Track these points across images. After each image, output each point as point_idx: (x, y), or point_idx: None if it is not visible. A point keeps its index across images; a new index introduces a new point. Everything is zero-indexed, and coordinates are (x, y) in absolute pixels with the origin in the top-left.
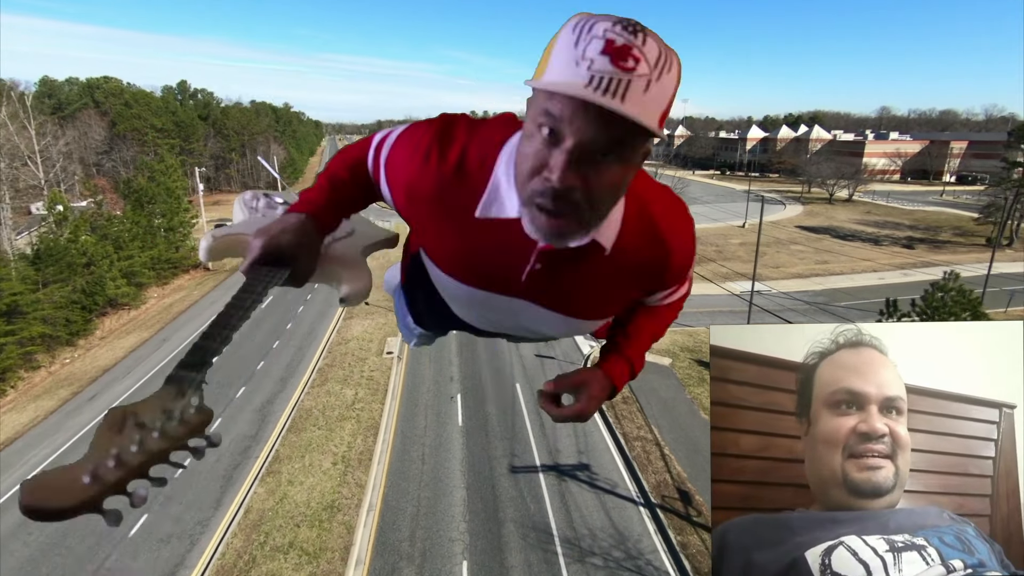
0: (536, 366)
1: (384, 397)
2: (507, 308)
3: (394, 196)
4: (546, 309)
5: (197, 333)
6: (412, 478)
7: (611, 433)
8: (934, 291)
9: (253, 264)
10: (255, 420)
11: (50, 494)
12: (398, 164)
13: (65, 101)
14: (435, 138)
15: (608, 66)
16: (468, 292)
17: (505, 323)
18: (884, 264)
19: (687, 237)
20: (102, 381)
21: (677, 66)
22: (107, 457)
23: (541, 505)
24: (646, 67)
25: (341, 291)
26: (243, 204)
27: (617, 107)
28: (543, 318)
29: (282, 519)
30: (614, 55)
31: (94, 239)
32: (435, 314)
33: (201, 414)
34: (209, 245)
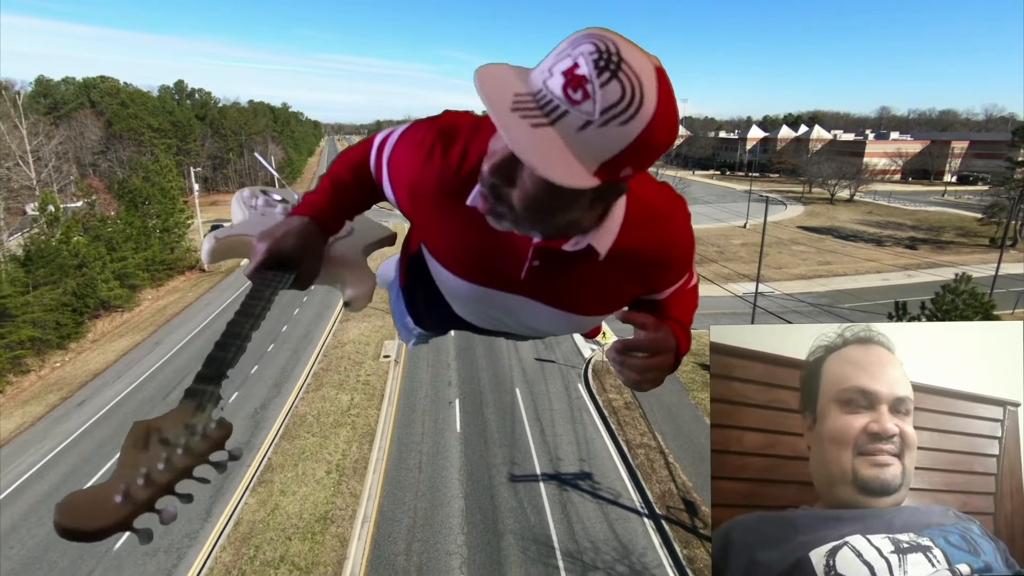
0: (536, 369)
1: (380, 402)
2: (507, 304)
3: (396, 194)
4: (546, 305)
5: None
6: (408, 487)
7: (613, 440)
8: (945, 293)
9: (258, 268)
10: (248, 427)
11: (84, 515)
12: (401, 162)
13: (61, 101)
14: (438, 135)
15: (558, 90)
16: (469, 288)
17: (505, 320)
18: (888, 265)
19: (685, 233)
20: (92, 386)
21: (644, 120)
22: (136, 476)
23: (542, 516)
24: (591, 106)
25: (345, 295)
26: (241, 202)
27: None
28: (543, 314)
29: (273, 531)
30: (568, 81)
31: (86, 240)
32: (435, 313)
33: (221, 428)
34: (212, 247)
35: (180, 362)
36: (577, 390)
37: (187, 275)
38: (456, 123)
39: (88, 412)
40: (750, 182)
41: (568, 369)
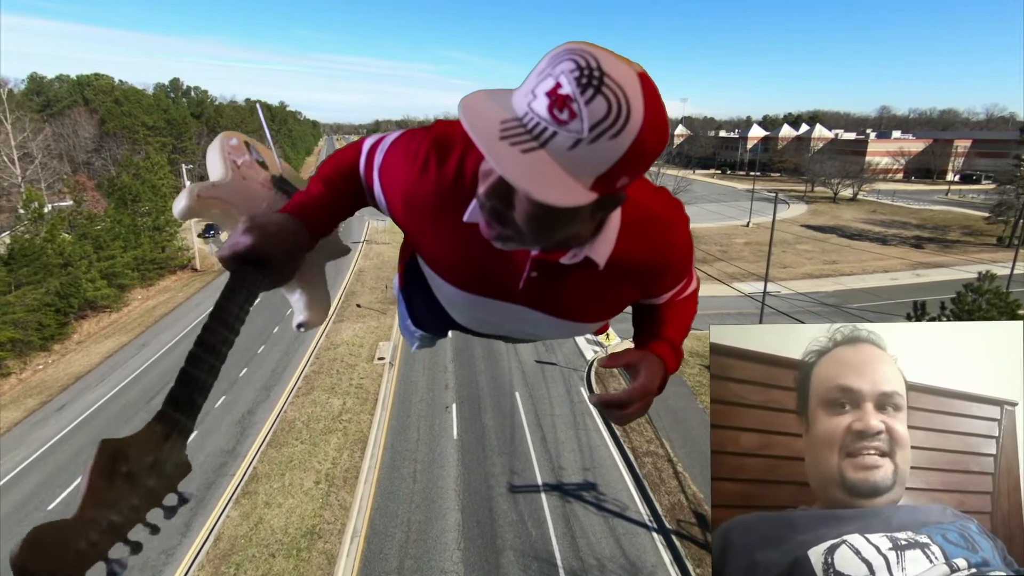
0: (536, 372)
1: (374, 407)
2: (506, 313)
3: (390, 204)
4: (545, 314)
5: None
6: (402, 499)
7: (619, 448)
8: (967, 292)
9: (236, 258)
10: (234, 433)
11: (43, 557)
12: (394, 173)
13: (54, 99)
14: (432, 147)
15: (544, 112)
16: (467, 298)
17: (504, 327)
18: (895, 264)
19: (683, 238)
20: (73, 389)
21: (634, 130)
22: (101, 522)
23: (543, 530)
24: (578, 125)
25: (298, 316)
26: (221, 152)
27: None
28: (543, 322)
29: (256, 547)
30: (552, 102)
31: (72, 238)
32: (434, 316)
33: (180, 468)
34: (188, 205)
35: (166, 365)
36: (579, 394)
37: (179, 274)
38: (450, 134)
39: (68, 417)
40: (753, 181)
41: (570, 372)
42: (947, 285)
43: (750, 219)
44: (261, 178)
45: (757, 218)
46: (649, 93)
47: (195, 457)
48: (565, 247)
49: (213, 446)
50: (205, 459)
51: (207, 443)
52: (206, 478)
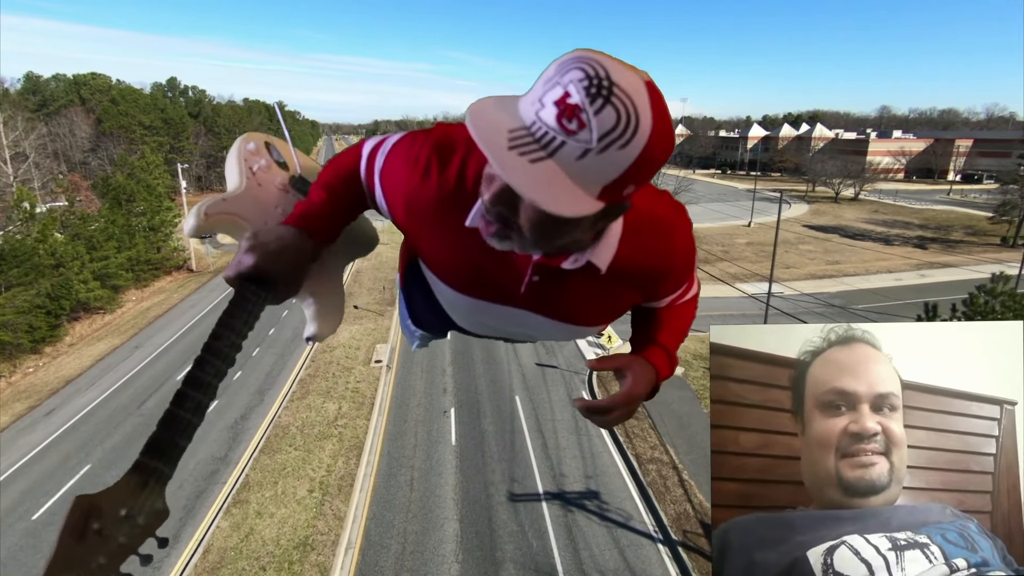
0: (537, 375)
1: (370, 412)
2: (507, 316)
3: (391, 208)
4: (547, 318)
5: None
6: (398, 508)
7: (622, 454)
8: (980, 294)
9: (240, 277)
10: (226, 439)
11: None
12: (395, 177)
13: (50, 98)
14: (434, 151)
15: (552, 122)
16: (468, 302)
17: (505, 329)
18: (899, 264)
19: (686, 241)
20: (63, 393)
21: (643, 140)
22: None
23: (545, 541)
24: (588, 135)
25: (308, 328)
26: (238, 158)
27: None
28: (543, 325)
29: (246, 560)
30: (561, 111)
31: (65, 239)
32: (434, 317)
33: (156, 517)
34: (197, 224)
35: (159, 368)
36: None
37: (174, 275)
38: (451, 138)
39: (56, 422)
40: (754, 181)
41: (571, 375)
42: (953, 286)
43: (752, 219)
44: (278, 181)
45: (759, 218)
46: (656, 102)
47: (186, 464)
48: (566, 252)
49: (204, 453)
50: (196, 466)
51: (199, 450)
52: (196, 486)
